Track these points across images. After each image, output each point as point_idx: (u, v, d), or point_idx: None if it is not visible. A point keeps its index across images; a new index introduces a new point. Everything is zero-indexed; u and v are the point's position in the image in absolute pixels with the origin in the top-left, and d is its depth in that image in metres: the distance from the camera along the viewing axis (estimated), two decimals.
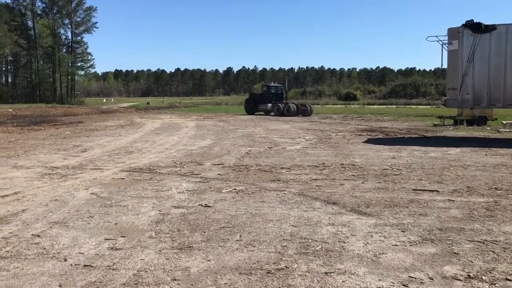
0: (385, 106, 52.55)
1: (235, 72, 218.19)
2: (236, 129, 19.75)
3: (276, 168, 9.17)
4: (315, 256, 4.13)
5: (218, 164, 9.71)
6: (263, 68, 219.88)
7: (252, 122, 24.64)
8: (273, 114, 33.57)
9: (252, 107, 35.76)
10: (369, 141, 14.70)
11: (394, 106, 51.79)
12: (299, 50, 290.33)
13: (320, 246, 4.39)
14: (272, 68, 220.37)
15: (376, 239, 4.61)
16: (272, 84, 38.49)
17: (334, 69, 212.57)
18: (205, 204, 6.05)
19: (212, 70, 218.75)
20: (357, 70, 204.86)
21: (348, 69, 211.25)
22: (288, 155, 11.15)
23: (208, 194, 6.71)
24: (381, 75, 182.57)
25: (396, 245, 4.44)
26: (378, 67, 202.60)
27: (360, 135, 16.69)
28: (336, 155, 11.11)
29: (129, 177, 8.26)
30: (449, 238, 4.64)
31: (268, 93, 35.56)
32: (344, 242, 4.52)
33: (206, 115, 34.36)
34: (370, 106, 53.56)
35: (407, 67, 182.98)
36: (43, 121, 26.47)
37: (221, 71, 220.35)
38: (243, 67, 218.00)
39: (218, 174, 8.50)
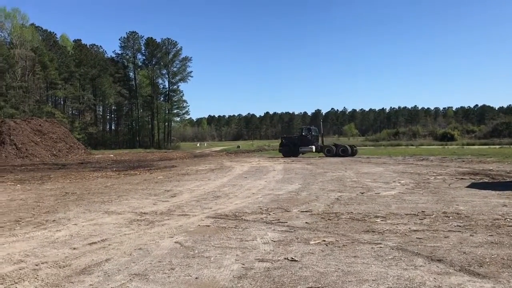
0: (487, 147, 48.75)
1: (323, 114, 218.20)
2: (325, 173, 19.11)
3: (370, 216, 8.45)
4: None
5: (305, 211, 9.19)
6: (353, 109, 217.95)
7: (342, 165, 23.83)
8: (326, 155, 34.50)
9: (291, 150, 35.95)
10: (473, 185, 13.33)
11: (497, 146, 47.84)
12: (390, 90, 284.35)
13: None
14: (362, 109, 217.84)
15: None
16: (312, 127, 38.61)
17: (428, 108, 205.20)
18: (291, 258, 5.56)
19: (301, 112, 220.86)
20: (453, 109, 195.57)
21: (444, 108, 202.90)
22: (382, 202, 10.34)
23: (294, 246, 6.22)
24: (480, 114, 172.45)
25: None
26: (477, 105, 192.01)
27: (462, 178, 15.29)
28: (437, 202, 10.10)
29: (215, 224, 8.02)
30: None
31: (310, 136, 36.26)
32: None
33: (294, 157, 34.06)
34: (470, 147, 50.02)
35: (510, 104, 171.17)
36: (139, 166, 27.76)
37: (309, 113, 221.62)
38: (332, 108, 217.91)
39: (306, 222, 7.98)
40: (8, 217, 9.11)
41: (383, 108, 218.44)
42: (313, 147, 35.51)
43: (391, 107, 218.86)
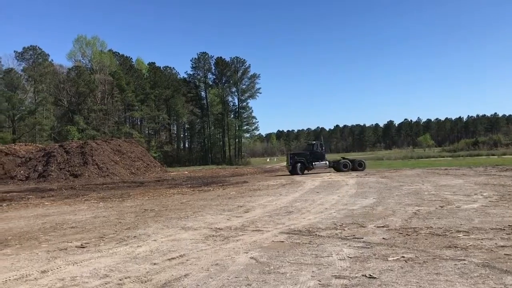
0: None
1: (396, 125, 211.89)
2: (401, 186, 18.46)
3: (451, 231, 8.04)
4: None
5: (382, 227, 8.92)
6: (428, 119, 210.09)
7: (418, 178, 22.94)
8: (347, 170, 33.99)
9: (304, 167, 33.93)
10: None
11: None
12: (467, 98, 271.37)
13: None
14: (437, 118, 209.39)
15: None
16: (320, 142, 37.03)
17: (510, 115, 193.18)
18: (369, 275, 5.40)
19: (372, 124, 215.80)
20: None
21: None
22: (464, 216, 9.81)
23: (372, 262, 6.04)
24: None
25: None
26: None
27: None
28: None
29: (288, 240, 8.00)
30: None
31: (322, 150, 35.18)
32: None
33: (367, 171, 33.27)
34: None
35: None
36: (212, 182, 28.40)
37: (381, 124, 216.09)
38: (405, 119, 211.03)
39: (383, 238, 7.74)
40: (93, 234, 9.65)
41: (460, 117, 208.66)
42: (327, 162, 34.75)
43: (468, 115, 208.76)
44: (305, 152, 35.73)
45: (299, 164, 33.69)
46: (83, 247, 8.10)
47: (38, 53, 75.98)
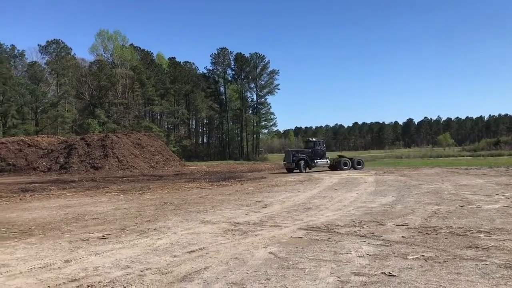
0: None
1: (416, 123, 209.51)
2: (420, 185, 18.29)
3: (472, 231, 7.96)
4: None
5: (401, 225, 8.87)
6: (448, 118, 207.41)
7: (438, 177, 22.68)
8: (344, 169, 33.21)
9: (307, 164, 33.05)
10: None
11: None
12: (488, 97, 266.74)
13: None
14: (457, 117, 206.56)
15: None
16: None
17: None
18: (389, 273, 5.40)
19: (391, 122, 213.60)
20: None
21: None
22: (485, 216, 9.69)
23: (391, 260, 6.03)
24: None
25: None
26: None
27: None
28: None
29: (307, 236, 8.02)
30: None
31: (324, 148, 34.54)
32: None
33: (386, 169, 33.01)
34: None
35: None
36: (230, 177, 28.52)
37: (401, 122, 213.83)
38: (425, 117, 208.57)
39: (402, 236, 7.71)
40: (114, 225, 9.83)
41: (481, 116, 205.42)
42: (328, 160, 34.15)
43: (490, 114, 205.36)
44: (307, 149, 34.77)
45: (303, 161, 33.00)
46: (105, 238, 8.26)
47: (61, 46, 77.18)
